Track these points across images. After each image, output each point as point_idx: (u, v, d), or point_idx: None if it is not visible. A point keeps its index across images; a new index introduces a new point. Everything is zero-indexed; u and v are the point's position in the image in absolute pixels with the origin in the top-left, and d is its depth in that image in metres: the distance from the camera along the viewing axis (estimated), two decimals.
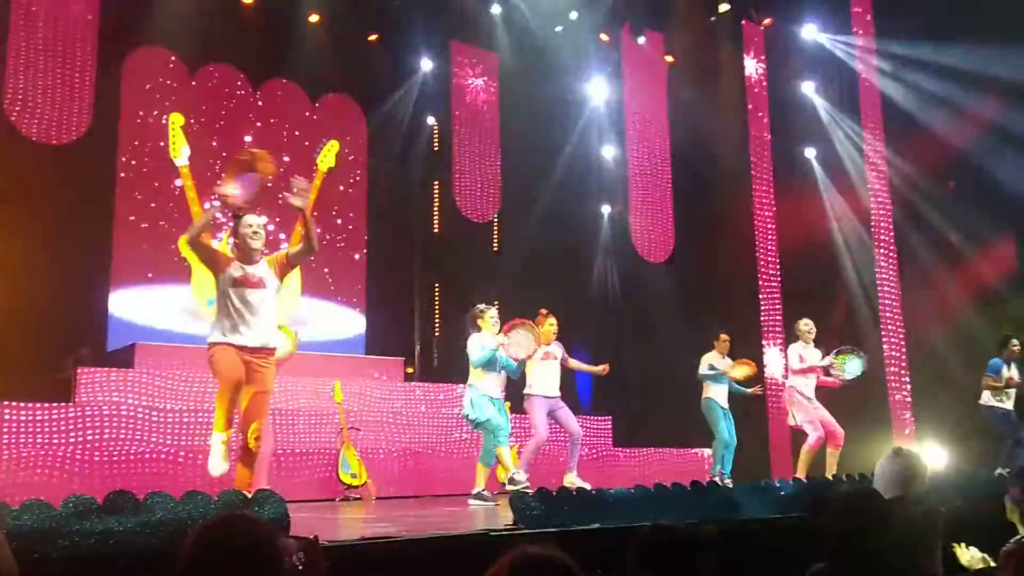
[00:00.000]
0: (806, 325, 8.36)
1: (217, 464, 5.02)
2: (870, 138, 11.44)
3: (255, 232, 5.16)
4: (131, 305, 9.81)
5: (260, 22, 10.58)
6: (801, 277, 11.84)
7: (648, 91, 12.31)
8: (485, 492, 6.86)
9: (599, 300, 12.65)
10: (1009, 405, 8.59)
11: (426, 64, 12.03)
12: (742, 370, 8.81)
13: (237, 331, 5.05)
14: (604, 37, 12.42)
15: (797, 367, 8.25)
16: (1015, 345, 8.65)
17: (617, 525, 4.25)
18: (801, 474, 7.70)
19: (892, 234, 11.26)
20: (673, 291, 12.25)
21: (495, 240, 12.75)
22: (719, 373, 8.68)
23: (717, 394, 8.72)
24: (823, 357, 8.22)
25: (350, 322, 11.33)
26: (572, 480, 7.26)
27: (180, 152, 6.40)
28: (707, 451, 9.54)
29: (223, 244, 5.29)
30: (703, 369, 8.70)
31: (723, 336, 8.85)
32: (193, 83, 10.55)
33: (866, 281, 11.48)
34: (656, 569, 2.43)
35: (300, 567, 2.05)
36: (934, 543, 3.36)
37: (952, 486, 5.99)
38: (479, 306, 7.10)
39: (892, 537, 2.82)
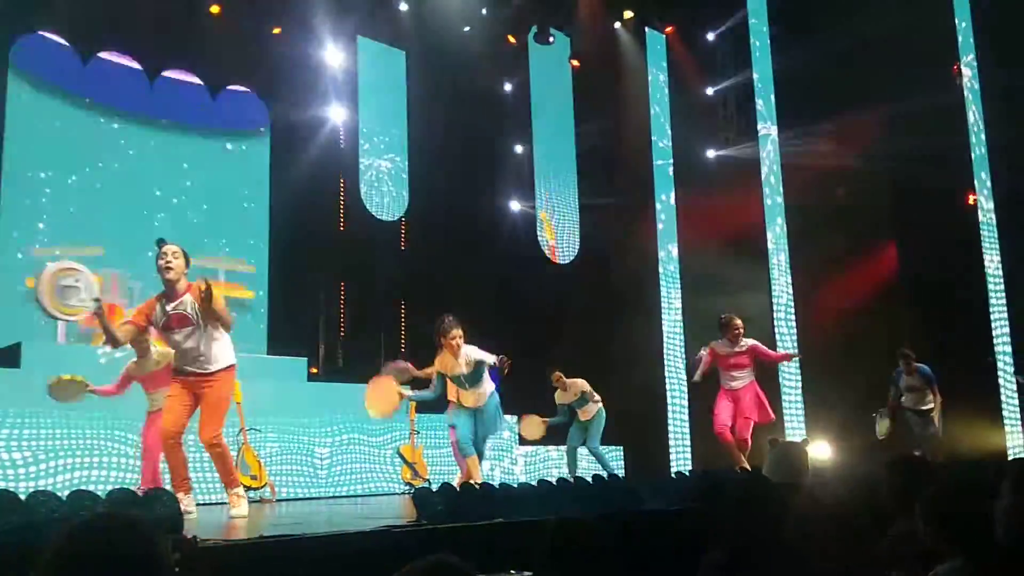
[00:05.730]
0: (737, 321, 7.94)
1: None
2: (766, 142, 11.86)
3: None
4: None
5: (157, 9, 10.20)
6: (701, 277, 12.15)
7: (554, 93, 12.46)
8: None
9: (506, 300, 12.66)
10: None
11: (332, 59, 11.83)
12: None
13: None
14: (511, 39, 12.49)
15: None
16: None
17: (521, 519, 4.27)
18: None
19: (786, 238, 11.68)
20: (578, 292, 12.40)
21: (403, 238, 12.64)
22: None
23: None
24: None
25: (252, 321, 11.04)
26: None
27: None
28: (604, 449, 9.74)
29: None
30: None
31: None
32: (86, 71, 10.12)
33: (760, 286, 11.86)
34: (563, 562, 2.45)
35: (176, 569, 1.97)
36: (825, 527, 3.48)
37: (835, 477, 6.32)
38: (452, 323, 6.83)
39: (786, 523, 2.91)
